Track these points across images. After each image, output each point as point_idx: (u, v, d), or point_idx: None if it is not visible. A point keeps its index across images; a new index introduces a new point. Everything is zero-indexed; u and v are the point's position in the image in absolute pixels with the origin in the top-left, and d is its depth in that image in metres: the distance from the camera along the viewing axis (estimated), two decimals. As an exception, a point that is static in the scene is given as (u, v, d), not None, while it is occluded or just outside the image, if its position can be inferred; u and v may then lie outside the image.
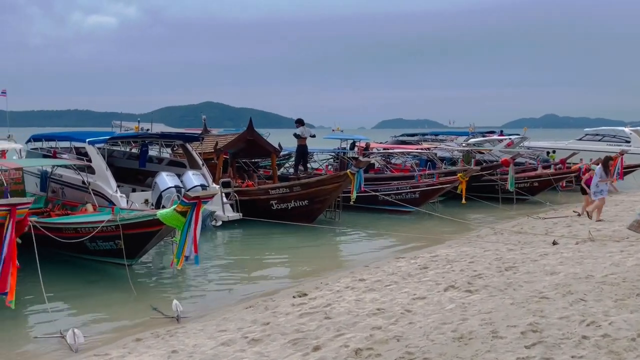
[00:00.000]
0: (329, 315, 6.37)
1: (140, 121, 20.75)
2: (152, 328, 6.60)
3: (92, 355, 5.66)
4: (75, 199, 12.67)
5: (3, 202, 6.31)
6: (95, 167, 12.82)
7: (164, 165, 15.53)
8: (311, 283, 8.47)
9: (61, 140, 15.24)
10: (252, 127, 15.81)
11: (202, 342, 5.76)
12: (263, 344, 5.57)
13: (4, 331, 6.63)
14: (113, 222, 8.71)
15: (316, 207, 13.87)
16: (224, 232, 12.97)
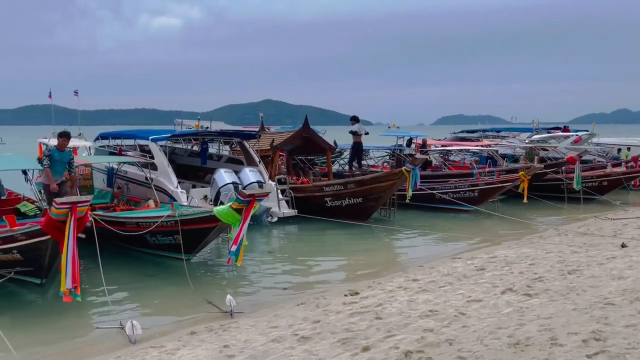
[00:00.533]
0: (379, 316, 6.29)
1: (200, 119, 21.40)
2: (207, 322, 6.75)
3: (148, 347, 5.85)
4: (139, 194, 13.20)
5: (64, 200, 6.59)
6: (158, 163, 13.30)
7: (222, 162, 15.90)
8: (363, 282, 8.40)
9: (126, 138, 15.92)
10: (308, 125, 15.88)
11: (253, 338, 5.83)
12: (312, 342, 5.57)
13: (68, 321, 6.99)
14: (172, 217, 8.99)
15: (370, 205, 13.76)
16: (279, 228, 13.11)
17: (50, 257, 7.27)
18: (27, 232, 7.24)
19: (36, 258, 7.40)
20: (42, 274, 7.68)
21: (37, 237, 7.10)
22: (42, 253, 7.28)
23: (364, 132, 16.88)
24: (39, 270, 7.60)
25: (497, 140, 24.80)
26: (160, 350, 5.67)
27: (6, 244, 7.40)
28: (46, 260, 7.38)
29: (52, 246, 7.00)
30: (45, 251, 7.22)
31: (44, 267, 7.51)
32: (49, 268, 7.57)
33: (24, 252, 7.40)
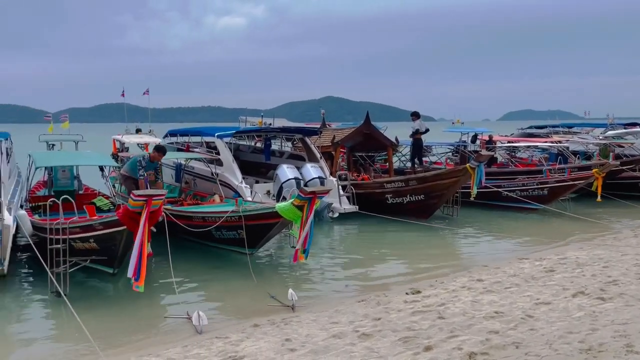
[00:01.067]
0: (442, 315, 6.18)
1: (264, 116, 21.79)
2: (269, 315, 6.88)
3: (213, 337, 6.04)
4: (205, 189, 13.63)
5: (140, 193, 6.90)
6: (223, 159, 13.68)
7: (284, 158, 16.12)
8: (425, 280, 8.28)
9: (193, 134, 16.47)
10: (369, 121, 15.79)
11: (315, 333, 5.89)
12: (373, 339, 5.56)
13: (140, 310, 7.33)
14: (236, 213, 9.21)
15: (432, 202, 13.51)
16: (339, 224, 13.14)
17: (124, 247, 7.63)
18: (104, 222, 7.64)
19: (111, 247, 7.79)
20: (115, 264, 8.07)
21: (113, 227, 7.48)
22: (116, 243, 7.65)
23: (424, 129, 16.54)
24: (112, 259, 7.99)
25: (568, 136, 23.65)
26: (224, 341, 5.85)
27: (85, 233, 7.84)
28: (120, 250, 7.75)
29: (127, 237, 7.35)
30: (120, 241, 7.59)
31: (117, 256, 7.90)
32: (121, 258, 7.94)
33: (100, 241, 7.81)
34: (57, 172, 12.25)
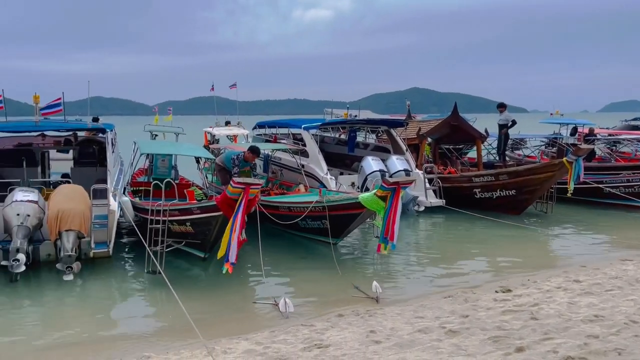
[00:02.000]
0: (535, 316, 5.91)
1: (349, 108, 21.83)
2: (353, 306, 6.93)
3: (299, 325, 6.18)
4: (291, 179, 13.94)
5: (240, 180, 7.17)
6: (309, 151, 13.89)
7: (369, 150, 16.08)
8: (516, 279, 7.94)
9: (280, 126, 16.87)
10: (457, 112, 15.34)
11: (399, 327, 5.85)
12: (461, 336, 5.43)
13: (229, 294, 7.63)
14: (320, 203, 9.34)
15: (524, 198, 12.90)
16: (425, 218, 12.92)
17: (217, 232, 7.98)
18: (202, 207, 8.03)
19: (205, 232, 8.18)
20: (207, 248, 8.47)
21: (210, 212, 7.84)
22: (211, 228, 8.02)
23: (510, 121, 15.72)
24: (205, 244, 8.39)
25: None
26: (310, 329, 5.96)
27: (182, 216, 8.29)
28: (213, 235, 8.12)
29: (222, 222, 7.68)
30: (214, 226, 7.95)
31: (210, 241, 8.28)
32: (214, 243, 8.32)
33: (196, 224, 8.22)
34: (157, 161, 13.05)
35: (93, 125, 12.65)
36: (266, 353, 5.28)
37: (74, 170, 11.89)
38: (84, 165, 11.94)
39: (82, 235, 8.07)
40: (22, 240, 7.67)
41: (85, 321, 6.80)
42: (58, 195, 8.36)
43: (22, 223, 7.82)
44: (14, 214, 7.89)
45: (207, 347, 5.41)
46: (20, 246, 7.58)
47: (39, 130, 12.17)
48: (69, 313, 7.11)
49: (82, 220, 8.04)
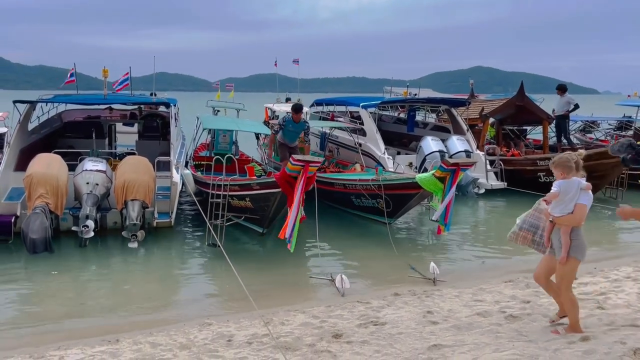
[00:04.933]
0: (602, 306, 5.64)
1: (409, 86, 21.41)
2: (409, 286, 6.86)
3: (355, 301, 6.18)
4: (348, 158, 13.87)
5: (299, 158, 7.18)
6: (367, 129, 13.75)
7: (428, 129, 15.74)
8: (582, 267, 7.49)
9: (338, 104, 16.76)
10: (523, 92, 14.67)
11: (457, 309, 5.74)
12: (522, 322, 5.26)
13: (286, 268, 7.74)
14: (376, 182, 9.24)
15: (593, 183, 12.18)
16: (485, 200, 12.56)
17: (276, 209, 8.06)
18: (261, 183, 8.14)
19: (264, 207, 8.30)
20: (265, 224, 8.59)
21: (269, 189, 7.93)
22: (270, 204, 8.12)
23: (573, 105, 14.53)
24: (263, 219, 8.52)
25: None
26: (366, 306, 5.96)
27: (242, 191, 8.43)
28: (272, 211, 8.22)
29: (280, 199, 7.75)
30: (273, 202, 8.04)
31: (268, 217, 8.39)
32: (272, 219, 8.42)
33: (255, 200, 8.35)
34: (218, 136, 13.34)
35: (157, 99, 13.04)
36: (322, 327, 5.32)
37: (138, 143, 12.35)
38: (148, 139, 12.37)
39: (146, 205, 8.38)
40: (91, 207, 8.06)
41: (149, 287, 7.11)
42: (124, 166, 8.70)
43: (91, 191, 8.21)
44: (83, 182, 8.29)
45: (265, 317, 5.52)
46: (90, 213, 7.97)
47: (107, 103, 12.68)
48: (133, 278, 7.45)
49: (146, 191, 8.35)
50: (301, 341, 4.97)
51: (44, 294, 6.84)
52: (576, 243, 4.64)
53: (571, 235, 4.64)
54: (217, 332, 5.39)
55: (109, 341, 5.25)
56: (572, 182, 4.64)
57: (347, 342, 4.90)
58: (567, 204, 4.61)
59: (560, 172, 4.70)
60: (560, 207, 4.65)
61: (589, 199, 4.68)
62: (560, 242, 4.71)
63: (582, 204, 4.60)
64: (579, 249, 4.65)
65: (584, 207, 4.61)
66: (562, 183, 4.65)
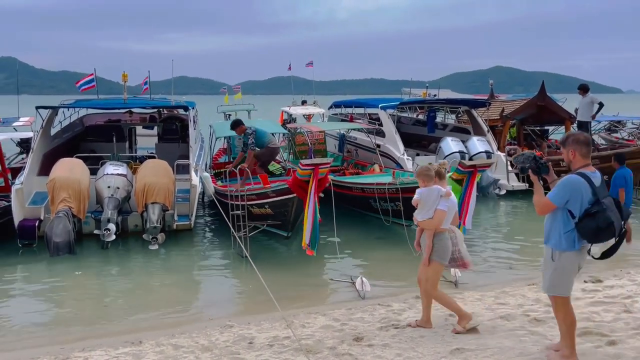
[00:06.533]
0: (629, 309, 5.51)
1: (428, 87, 21.28)
2: (430, 289, 6.77)
3: (376, 304, 6.13)
4: (366, 159, 13.82)
5: (308, 162, 7.19)
6: (386, 131, 13.68)
7: (447, 130, 15.61)
8: (607, 269, 7.43)
9: (357, 106, 16.73)
10: (544, 91, 14.49)
11: (480, 312, 5.65)
12: (546, 325, 5.16)
13: (309, 271, 7.74)
14: (393, 185, 9.17)
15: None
16: (506, 202, 12.40)
17: (295, 212, 8.06)
18: (276, 190, 8.17)
19: (283, 213, 8.30)
20: (289, 228, 8.58)
21: (285, 195, 7.95)
22: (288, 209, 8.13)
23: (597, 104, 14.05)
24: (285, 224, 8.51)
25: None
26: (387, 309, 5.91)
27: (260, 200, 8.47)
28: (292, 216, 8.21)
29: (297, 203, 7.76)
30: (291, 207, 8.04)
31: (289, 221, 8.37)
32: (294, 222, 8.41)
33: (273, 207, 8.37)
34: (234, 140, 13.39)
35: (176, 102, 13.17)
36: (343, 329, 5.30)
37: (158, 146, 12.47)
38: (167, 142, 12.48)
39: (166, 208, 8.46)
40: (112, 211, 8.16)
41: (170, 289, 7.16)
42: (144, 170, 8.79)
43: (113, 195, 8.32)
44: (105, 186, 8.40)
45: (287, 320, 5.52)
46: (111, 217, 8.08)
47: (126, 107, 12.84)
48: (154, 280, 7.52)
49: (166, 194, 8.42)
50: (322, 344, 4.95)
51: (68, 296, 6.94)
52: (438, 247, 5.01)
53: (434, 239, 5.00)
54: (238, 334, 5.40)
55: (132, 343, 5.30)
56: (433, 190, 5.04)
57: (369, 345, 4.87)
58: (428, 210, 4.99)
59: (421, 180, 5.12)
60: (422, 213, 5.06)
61: (450, 205, 5.02)
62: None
63: (441, 209, 4.95)
64: (440, 252, 5.03)
65: (443, 212, 4.95)
66: (423, 191, 5.09)
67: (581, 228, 3.97)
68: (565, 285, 4.15)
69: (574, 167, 4.18)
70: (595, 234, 3.93)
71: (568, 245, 4.05)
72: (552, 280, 4.16)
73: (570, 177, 4.09)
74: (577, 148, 4.13)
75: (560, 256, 4.08)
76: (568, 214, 4.05)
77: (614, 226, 3.92)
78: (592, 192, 3.98)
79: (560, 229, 4.10)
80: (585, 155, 4.16)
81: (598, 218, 3.88)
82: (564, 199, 4.05)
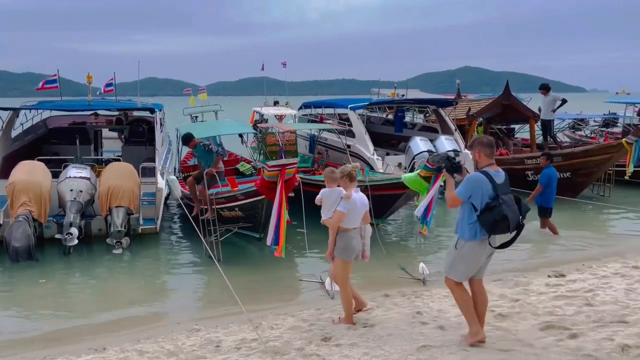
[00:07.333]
0: (590, 303, 5.64)
1: (397, 87, 21.44)
2: (399, 287, 6.83)
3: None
4: (337, 160, 13.81)
5: (274, 163, 7.15)
6: (356, 131, 13.70)
7: (416, 130, 15.74)
8: (570, 264, 7.62)
9: (327, 106, 16.71)
10: (509, 91, 14.73)
11: (446, 309, 5.71)
12: (511, 320, 5.25)
13: (278, 273, 7.71)
14: (362, 183, 9.21)
15: (580, 181, 12.33)
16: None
17: (266, 214, 8.00)
18: (245, 192, 8.10)
19: (254, 215, 8.25)
20: (260, 229, 8.52)
21: (253, 197, 7.90)
22: (259, 210, 8.07)
23: (560, 100, 14.49)
24: (257, 225, 8.45)
25: None
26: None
27: (230, 203, 8.39)
28: (262, 217, 8.15)
29: (267, 204, 7.70)
30: (261, 209, 7.99)
31: (261, 222, 8.32)
32: (265, 224, 8.34)
33: (243, 209, 8.31)
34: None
35: (143, 104, 12.94)
36: (311, 330, 5.28)
37: (124, 149, 12.24)
38: (134, 144, 12.26)
39: (131, 211, 8.29)
40: (75, 214, 7.96)
41: (135, 295, 7.02)
42: (108, 172, 8.61)
43: (75, 198, 8.12)
44: (67, 190, 8.19)
45: (253, 322, 5.47)
46: (73, 220, 7.88)
47: (91, 109, 12.56)
48: (119, 285, 7.36)
49: (131, 197, 8.26)
50: (290, 345, 4.92)
51: (29, 303, 6.74)
52: (340, 245, 5.23)
53: (337, 237, 5.22)
54: (205, 337, 5.33)
55: (96, 350, 5.18)
56: (334, 191, 5.27)
57: (336, 345, 4.86)
58: (329, 210, 5.21)
59: (326, 182, 5.37)
60: (324, 212, 5.27)
61: (351, 206, 5.18)
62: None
63: (339, 210, 5.14)
64: (343, 250, 5.24)
65: (341, 213, 5.14)
66: (325, 191, 5.32)
67: (481, 220, 4.41)
68: (462, 272, 4.63)
69: (480, 166, 4.60)
70: (492, 225, 4.39)
71: (470, 235, 4.50)
72: (451, 265, 4.68)
73: (474, 175, 4.55)
74: (481, 149, 4.57)
75: (464, 245, 4.55)
76: (471, 207, 4.48)
77: (509, 219, 4.36)
78: (493, 188, 4.40)
79: (465, 220, 4.56)
80: (489, 156, 4.57)
81: (495, 211, 4.33)
82: (468, 194, 4.49)
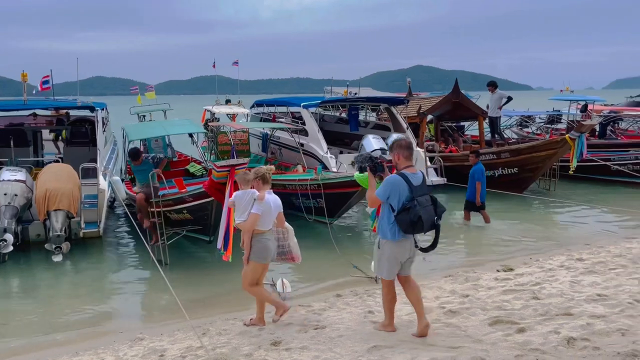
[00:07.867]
0: (537, 296, 5.73)
1: (349, 86, 21.46)
2: (352, 286, 6.77)
3: (297, 305, 6.01)
4: (290, 159, 13.67)
5: (223, 163, 6.90)
6: (309, 129, 13.58)
7: (369, 128, 15.78)
8: (518, 258, 7.76)
9: (279, 105, 16.51)
10: (458, 89, 14.97)
11: (399, 307, 5.61)
12: (461, 317, 5.25)
13: (229, 275, 7.39)
14: (315, 181, 9.12)
15: (527, 176, 12.67)
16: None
17: (216, 216, 7.75)
18: (193, 194, 7.83)
19: (203, 217, 7.97)
20: (210, 232, 8.26)
21: (202, 199, 7.62)
22: (208, 213, 7.80)
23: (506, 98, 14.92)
24: (206, 228, 8.19)
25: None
26: (307, 309, 5.80)
27: (178, 205, 8.09)
28: (212, 219, 7.88)
29: (217, 206, 7.44)
30: (210, 211, 7.72)
31: (211, 225, 8.05)
32: (215, 226, 8.09)
33: (192, 211, 8.02)
34: (150, 142, 12.79)
35: (83, 103, 12.37)
36: (261, 334, 5.12)
37: (66, 150, 11.69)
38: (76, 145, 11.72)
39: (71, 215, 7.89)
40: (9, 220, 7.50)
41: (76, 303, 6.66)
42: (45, 175, 8.16)
43: (10, 203, 7.65)
44: (1, 194, 7.71)
45: (203, 328, 5.27)
46: (8, 226, 7.42)
47: (26, 108, 11.92)
48: (59, 294, 6.99)
49: (70, 200, 7.85)
50: (238, 351, 4.75)
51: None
52: (255, 248, 5.20)
53: (252, 240, 5.18)
54: (149, 347, 5.09)
55: (29, 365, 4.86)
56: (246, 193, 5.23)
57: (286, 350, 4.72)
58: (243, 212, 5.17)
59: (239, 184, 5.37)
60: (238, 215, 5.25)
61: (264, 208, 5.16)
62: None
63: (254, 212, 5.11)
64: (257, 253, 5.21)
65: (256, 215, 5.11)
66: (237, 194, 5.31)
67: (398, 220, 4.55)
68: (387, 270, 4.76)
69: (399, 168, 4.73)
70: (408, 226, 4.52)
71: (391, 235, 4.63)
72: (378, 265, 4.85)
73: (392, 177, 4.67)
74: (400, 152, 4.71)
75: (384, 245, 4.70)
76: (390, 208, 4.60)
77: (422, 220, 4.50)
78: (409, 189, 4.55)
79: (385, 220, 4.67)
80: (408, 158, 4.72)
81: (410, 212, 4.48)
82: (386, 195, 4.62)
